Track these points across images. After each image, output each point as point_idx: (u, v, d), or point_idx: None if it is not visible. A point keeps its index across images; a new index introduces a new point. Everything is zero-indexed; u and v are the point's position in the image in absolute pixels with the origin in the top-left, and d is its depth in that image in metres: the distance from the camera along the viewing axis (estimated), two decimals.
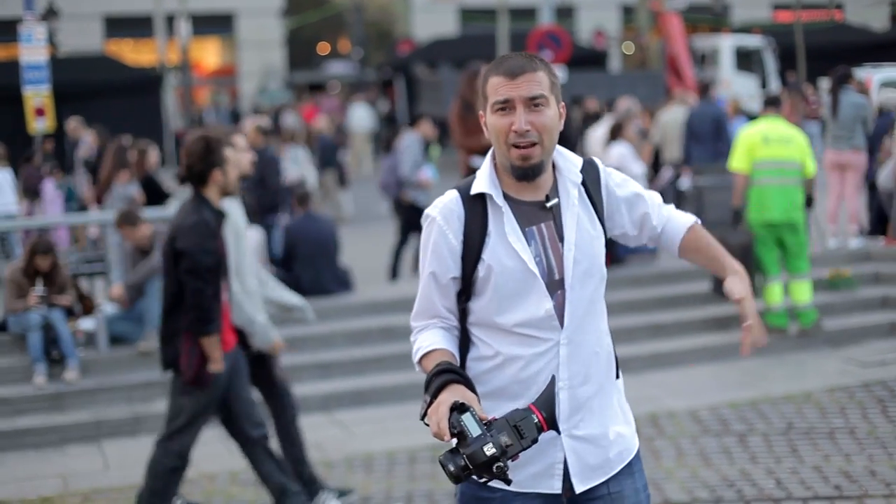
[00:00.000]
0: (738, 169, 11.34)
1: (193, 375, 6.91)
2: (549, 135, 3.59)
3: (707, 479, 7.76)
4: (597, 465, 3.69)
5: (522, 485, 3.67)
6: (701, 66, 32.89)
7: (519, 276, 3.60)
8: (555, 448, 3.65)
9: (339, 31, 51.31)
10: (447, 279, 3.70)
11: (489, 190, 3.65)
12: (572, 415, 3.65)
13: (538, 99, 3.56)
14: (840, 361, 10.86)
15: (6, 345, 10.64)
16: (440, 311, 3.75)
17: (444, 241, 3.68)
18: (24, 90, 16.03)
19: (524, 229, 3.63)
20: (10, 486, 8.65)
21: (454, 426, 3.32)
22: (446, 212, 3.69)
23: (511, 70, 3.58)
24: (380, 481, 8.22)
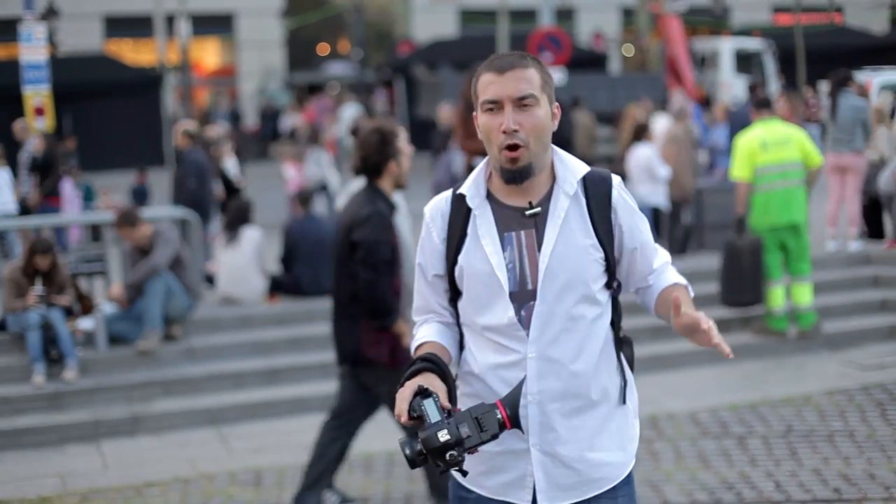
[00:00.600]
0: (740, 177, 11.25)
1: (390, 358, 6.90)
2: (537, 136, 3.51)
3: (706, 482, 7.76)
4: (568, 486, 3.60)
5: (493, 491, 3.66)
6: (701, 68, 32.90)
7: (485, 280, 3.55)
8: (525, 461, 3.60)
9: (339, 31, 51.30)
10: (431, 275, 3.70)
11: (468, 191, 3.62)
12: (543, 431, 3.56)
13: (527, 99, 3.49)
14: (839, 364, 10.86)
15: (5, 344, 10.64)
16: (435, 307, 3.74)
17: (429, 239, 3.69)
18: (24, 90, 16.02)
19: (503, 234, 3.57)
20: (8, 486, 8.64)
21: (414, 410, 3.31)
22: (433, 210, 3.70)
23: (501, 66, 3.52)
24: (379, 482, 8.21)
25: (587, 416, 3.60)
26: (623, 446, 3.69)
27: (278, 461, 8.83)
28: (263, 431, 9.77)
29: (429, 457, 3.27)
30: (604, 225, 3.59)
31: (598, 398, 3.61)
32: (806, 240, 11.38)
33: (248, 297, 11.99)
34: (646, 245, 3.70)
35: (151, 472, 8.80)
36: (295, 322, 11.66)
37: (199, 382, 10.54)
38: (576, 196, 3.58)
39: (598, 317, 3.61)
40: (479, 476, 3.67)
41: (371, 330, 6.87)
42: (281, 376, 10.71)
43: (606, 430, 3.64)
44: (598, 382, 3.61)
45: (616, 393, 3.66)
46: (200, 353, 10.93)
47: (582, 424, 3.59)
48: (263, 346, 11.12)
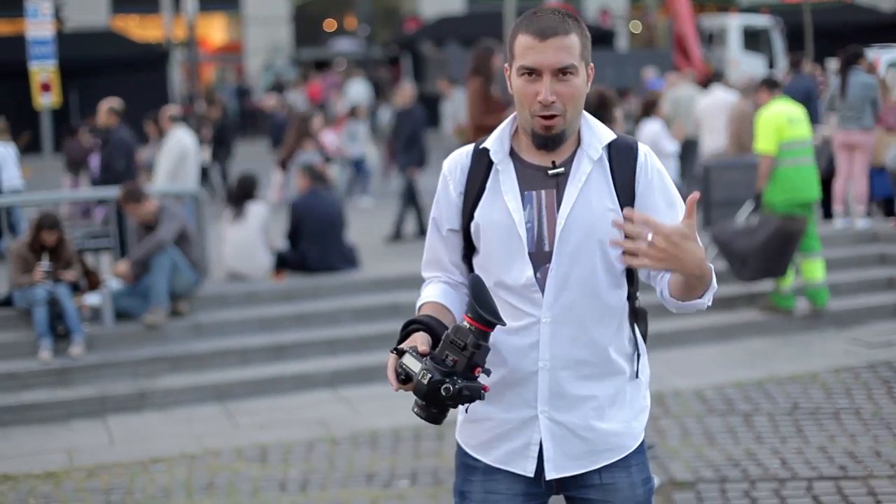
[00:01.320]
0: (767, 151, 11.05)
1: None
2: (574, 104, 3.44)
3: (712, 459, 7.76)
4: (577, 455, 3.55)
5: (497, 460, 3.61)
6: (708, 45, 32.81)
7: (505, 236, 3.49)
8: (532, 428, 3.54)
9: (346, 7, 51.11)
10: (445, 230, 3.64)
11: (492, 146, 3.56)
12: (553, 398, 3.51)
13: (567, 69, 3.40)
14: (846, 342, 10.85)
15: (12, 320, 10.65)
16: (445, 264, 3.68)
17: (445, 192, 3.64)
18: (30, 65, 16.01)
19: (523, 192, 3.51)
20: (15, 461, 8.66)
21: (400, 373, 3.32)
22: (452, 163, 3.65)
23: (542, 30, 3.40)
24: (385, 458, 8.22)
25: (599, 385, 3.54)
26: (634, 417, 3.63)
27: (284, 437, 8.85)
28: (269, 407, 9.78)
29: (434, 404, 3.25)
30: (626, 192, 3.51)
31: (611, 368, 3.56)
32: (814, 216, 11.35)
33: (254, 273, 11.99)
34: (670, 212, 3.53)
35: (158, 447, 8.81)
36: (301, 298, 11.66)
37: (205, 358, 10.55)
38: (600, 161, 3.51)
39: (615, 285, 3.53)
40: (482, 445, 3.64)
41: None
42: (287, 352, 10.72)
43: (618, 401, 3.58)
44: (612, 352, 3.55)
45: (629, 364, 3.61)
46: (207, 328, 10.94)
47: (593, 393, 3.54)
48: (270, 322, 11.13)
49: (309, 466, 8.12)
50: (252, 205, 12.16)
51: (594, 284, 3.50)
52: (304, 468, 8.08)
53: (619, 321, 3.58)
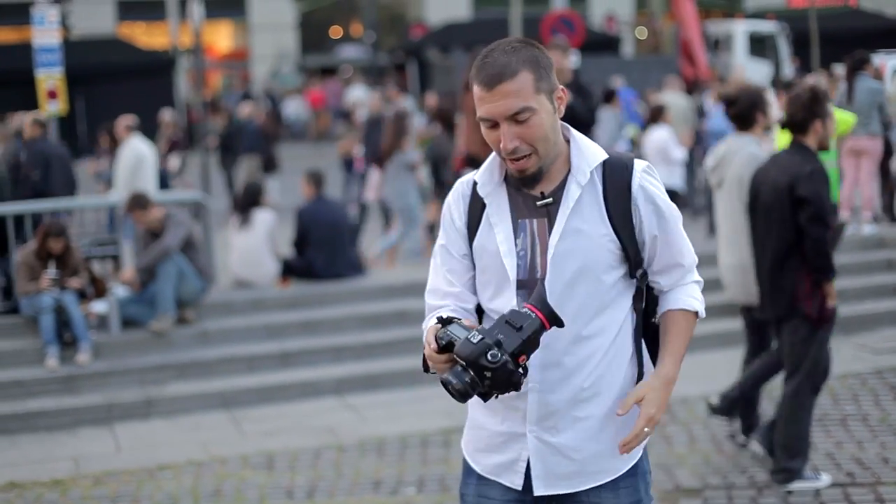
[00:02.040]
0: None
1: (819, 315, 7.03)
2: (542, 142, 3.41)
3: (719, 465, 7.75)
4: (565, 475, 3.56)
5: (487, 470, 3.65)
6: (714, 51, 32.80)
7: (495, 265, 3.51)
8: (521, 445, 3.56)
9: (352, 14, 51.20)
10: (459, 255, 3.64)
11: (480, 178, 3.57)
12: (542, 419, 3.52)
13: (521, 114, 3.37)
14: (852, 348, 10.83)
15: (18, 327, 10.66)
16: (453, 290, 3.64)
17: (450, 220, 3.65)
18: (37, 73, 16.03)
19: (517, 221, 3.52)
20: (22, 468, 8.66)
21: (442, 338, 3.30)
22: (456, 193, 3.66)
23: (488, 79, 3.37)
24: (391, 465, 8.22)
25: (591, 406, 3.53)
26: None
27: (291, 444, 8.85)
28: (276, 415, 9.78)
29: (473, 372, 3.22)
30: (621, 213, 3.49)
31: (603, 390, 3.54)
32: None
33: (260, 281, 12.00)
34: (666, 238, 3.58)
35: (164, 454, 8.82)
36: (307, 305, 11.67)
37: (212, 365, 10.56)
38: (590, 184, 3.49)
39: (612, 308, 3.53)
40: (477, 452, 3.68)
41: (808, 284, 6.98)
42: (293, 360, 10.72)
43: (611, 423, 3.55)
44: (606, 375, 3.53)
45: (627, 386, 3.58)
46: (213, 336, 10.95)
47: (584, 415, 3.53)
48: (276, 329, 11.13)
49: (316, 474, 8.12)
50: (258, 212, 12.17)
51: (586, 309, 3.50)
52: (311, 475, 8.08)
53: (618, 342, 3.56)
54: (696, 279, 3.69)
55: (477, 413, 3.67)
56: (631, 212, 3.51)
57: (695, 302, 3.64)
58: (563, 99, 3.50)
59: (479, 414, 3.65)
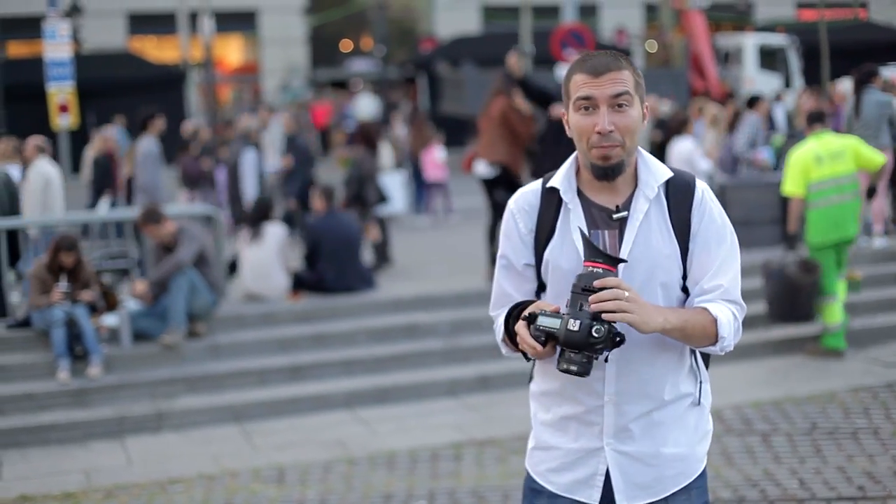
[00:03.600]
0: (793, 193, 10.86)
1: None
2: (631, 136, 3.50)
3: (730, 479, 7.74)
4: (645, 484, 3.61)
5: (563, 489, 3.67)
6: (724, 64, 32.80)
7: (572, 276, 3.49)
8: (597, 459, 3.61)
9: (362, 28, 51.31)
10: (521, 265, 3.66)
11: (560, 185, 3.61)
12: (618, 430, 3.58)
13: (622, 97, 3.46)
14: (864, 362, 10.81)
15: (30, 340, 10.68)
16: (515, 299, 3.69)
17: (515, 228, 3.67)
18: (48, 87, 16.08)
19: (590, 231, 3.56)
20: (33, 481, 8.68)
21: (538, 336, 3.36)
22: (521, 201, 3.68)
23: (595, 68, 3.49)
24: (402, 479, 8.22)
25: (662, 413, 3.61)
26: (698, 441, 3.70)
27: (301, 458, 8.85)
28: (287, 428, 9.79)
29: (586, 351, 3.32)
30: (683, 229, 3.57)
31: (674, 398, 3.62)
32: (847, 257, 11.16)
33: (271, 294, 12.01)
34: (709, 258, 3.59)
35: (175, 468, 8.83)
36: (318, 319, 11.68)
37: (222, 379, 10.57)
38: (657, 199, 3.57)
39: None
40: (549, 472, 3.71)
41: None
42: (304, 373, 10.73)
43: (680, 427, 3.65)
44: (675, 383, 3.62)
45: (691, 391, 3.68)
46: (224, 349, 10.96)
47: (657, 422, 3.60)
48: (287, 342, 11.14)
49: (326, 487, 8.12)
50: (269, 226, 12.19)
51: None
52: (322, 489, 8.08)
53: (680, 353, 3.64)
54: (733, 308, 3.61)
55: (545, 434, 3.72)
56: (690, 228, 3.58)
57: (720, 313, 3.55)
58: (647, 115, 3.62)
59: (548, 435, 3.70)
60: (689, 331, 3.49)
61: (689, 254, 3.59)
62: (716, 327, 3.53)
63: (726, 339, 3.56)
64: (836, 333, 10.96)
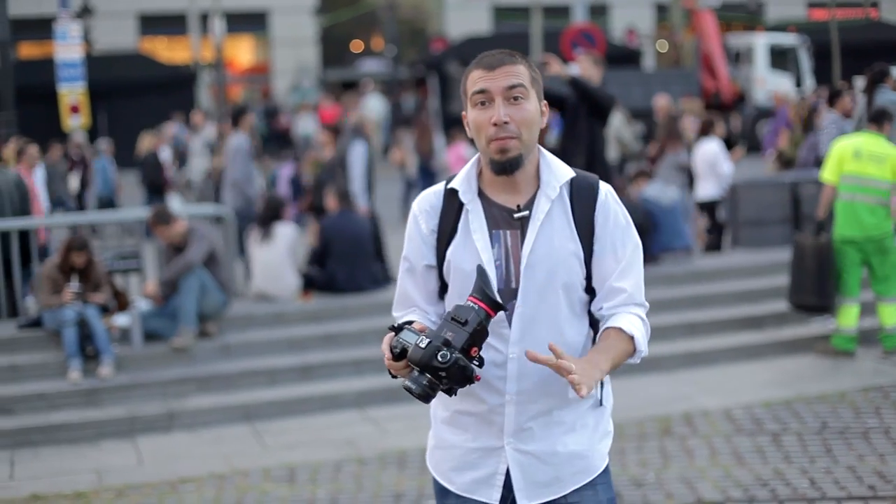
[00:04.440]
0: (828, 180, 10.92)
1: None
2: (528, 128, 3.53)
3: (740, 479, 7.74)
4: (545, 482, 3.63)
5: (463, 488, 3.71)
6: (735, 64, 32.77)
7: (470, 274, 3.53)
8: (497, 458, 3.63)
9: (373, 28, 51.34)
10: (422, 266, 3.70)
11: (459, 186, 3.64)
12: (518, 430, 3.60)
13: (516, 89, 3.50)
14: (875, 361, 10.80)
15: (41, 340, 10.70)
16: (417, 303, 3.75)
17: (417, 230, 3.70)
18: (60, 88, 16.13)
19: (491, 230, 3.59)
20: (44, 481, 8.70)
21: (395, 346, 3.39)
22: (423, 202, 3.72)
23: (490, 63, 3.54)
24: (413, 478, 8.22)
25: (563, 412, 3.63)
26: (599, 440, 3.73)
27: (312, 457, 8.86)
28: (297, 427, 9.80)
29: (429, 374, 3.31)
30: (586, 228, 3.60)
31: (576, 398, 3.61)
32: (894, 258, 10.88)
33: (282, 294, 12.02)
34: (615, 259, 3.62)
35: (186, 467, 8.84)
36: (329, 319, 11.69)
37: (233, 379, 10.58)
38: (560, 199, 3.60)
39: (578, 321, 3.64)
40: (449, 471, 3.75)
41: None
42: (314, 373, 10.74)
43: (581, 427, 3.67)
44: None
45: (593, 394, 3.68)
46: (235, 349, 10.98)
47: (557, 421, 3.63)
48: (297, 342, 11.15)
49: (337, 486, 8.13)
50: (280, 226, 12.20)
51: (558, 320, 3.59)
52: (332, 488, 8.09)
53: (583, 353, 3.64)
54: (640, 313, 3.66)
55: (445, 433, 3.77)
56: (594, 228, 3.61)
57: (634, 328, 3.59)
58: (546, 114, 3.64)
59: (448, 433, 3.75)
60: (617, 363, 3.54)
61: (592, 255, 3.61)
62: (633, 344, 3.59)
63: (643, 351, 3.63)
64: (847, 336, 10.94)
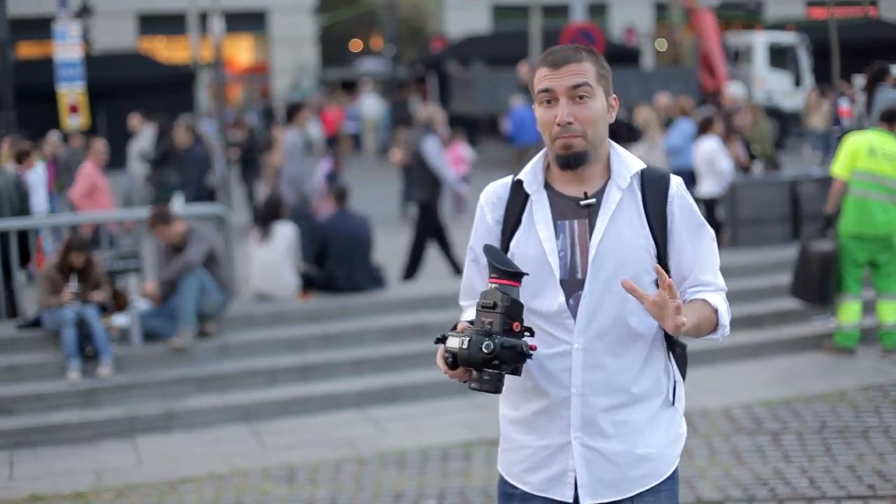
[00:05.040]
0: (839, 175, 10.89)
1: None
2: (593, 126, 3.53)
3: (740, 478, 7.74)
4: (610, 482, 3.60)
5: (536, 488, 3.67)
6: (734, 62, 32.77)
7: (537, 265, 3.55)
8: (566, 455, 3.60)
9: (372, 28, 51.34)
10: (485, 259, 3.68)
11: (525, 177, 3.64)
12: (585, 424, 3.57)
13: (581, 88, 3.50)
14: (874, 360, 10.80)
15: (40, 341, 10.70)
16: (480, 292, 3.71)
17: (482, 220, 3.71)
18: (59, 87, 16.12)
19: (556, 222, 3.58)
20: (44, 481, 8.69)
21: (447, 357, 3.41)
22: (490, 193, 3.73)
23: (555, 61, 3.53)
24: (412, 478, 8.22)
25: (633, 411, 3.60)
26: (669, 443, 3.69)
27: (312, 457, 8.86)
28: (297, 427, 9.80)
29: (486, 368, 3.34)
30: (658, 220, 3.58)
31: (644, 395, 3.61)
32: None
33: (281, 294, 12.02)
34: (695, 252, 3.63)
35: (186, 468, 8.84)
36: (328, 318, 11.68)
37: (232, 379, 10.58)
38: (630, 189, 3.59)
39: (646, 313, 3.53)
40: (522, 472, 3.70)
41: None
42: (314, 373, 10.74)
43: (652, 427, 3.63)
44: (645, 379, 3.61)
45: (664, 391, 3.67)
46: (234, 349, 10.98)
47: (627, 419, 3.59)
48: (297, 342, 11.15)
49: (337, 486, 8.13)
50: (279, 226, 12.19)
51: (624, 312, 3.55)
52: (332, 488, 8.09)
53: (654, 348, 3.63)
54: (722, 292, 3.68)
55: (513, 433, 3.72)
56: (666, 220, 3.60)
57: (718, 303, 3.61)
58: (615, 107, 3.63)
59: (516, 433, 3.70)
60: (701, 327, 3.53)
61: (668, 249, 3.61)
62: (717, 317, 3.58)
63: (726, 326, 3.63)
64: (848, 333, 10.94)
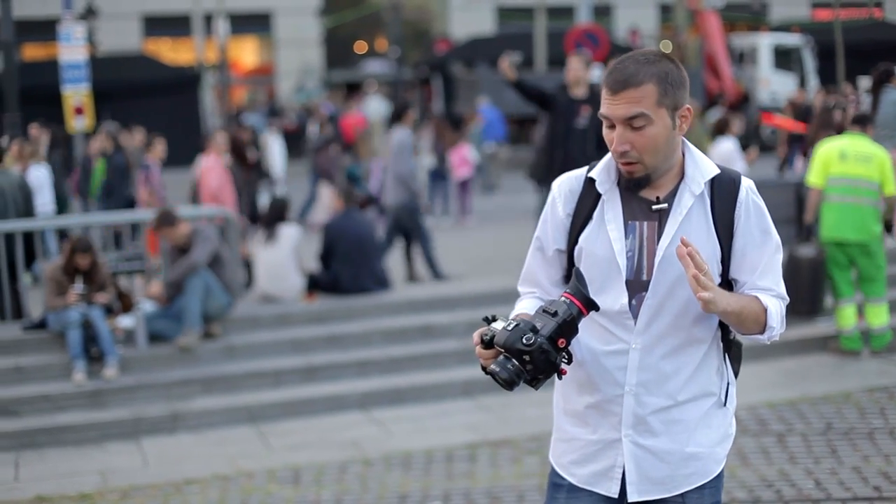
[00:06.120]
0: (813, 184, 10.91)
1: None
2: (651, 154, 3.49)
3: (745, 480, 7.73)
4: (658, 480, 3.63)
5: (583, 481, 3.70)
6: (739, 64, 32.76)
7: (604, 263, 3.57)
8: (616, 451, 3.63)
9: (377, 29, 51.36)
10: (551, 250, 3.71)
11: (598, 176, 3.64)
12: (637, 422, 3.60)
13: (636, 119, 3.45)
14: (880, 362, 10.79)
15: (46, 342, 10.71)
16: (541, 282, 3.76)
17: (553, 212, 3.71)
18: (64, 89, 16.13)
19: (627, 221, 3.59)
20: (49, 482, 8.70)
21: (486, 335, 3.42)
22: (564, 185, 3.73)
23: (614, 84, 3.49)
24: (417, 480, 8.22)
25: (684, 411, 3.62)
26: (718, 442, 3.73)
27: (317, 458, 8.86)
28: (302, 428, 9.80)
29: (515, 359, 3.33)
30: (726, 225, 3.58)
31: (697, 395, 3.63)
32: (880, 261, 10.91)
33: (286, 295, 12.02)
34: (757, 257, 3.61)
35: (191, 469, 8.84)
36: (333, 320, 11.69)
37: (238, 380, 10.58)
38: (701, 196, 3.58)
39: (706, 317, 3.58)
40: (570, 464, 3.73)
41: None
42: (319, 374, 10.74)
43: (703, 427, 3.66)
44: (699, 381, 3.63)
45: (717, 393, 3.68)
46: (239, 350, 10.98)
47: (678, 419, 3.62)
48: (302, 343, 11.15)
49: (342, 488, 8.13)
50: (284, 227, 12.20)
51: (685, 316, 3.57)
52: (337, 489, 8.09)
53: (707, 351, 3.64)
54: (781, 299, 3.64)
55: (566, 425, 3.75)
56: (733, 224, 3.59)
57: (770, 303, 3.58)
58: (688, 118, 3.57)
59: (569, 425, 3.74)
60: (744, 316, 3.51)
61: (732, 251, 3.60)
62: (766, 316, 3.56)
63: (775, 328, 3.59)
64: (850, 336, 10.94)
